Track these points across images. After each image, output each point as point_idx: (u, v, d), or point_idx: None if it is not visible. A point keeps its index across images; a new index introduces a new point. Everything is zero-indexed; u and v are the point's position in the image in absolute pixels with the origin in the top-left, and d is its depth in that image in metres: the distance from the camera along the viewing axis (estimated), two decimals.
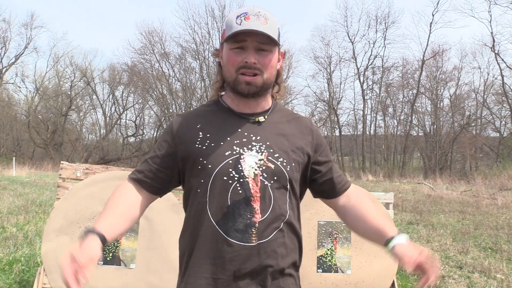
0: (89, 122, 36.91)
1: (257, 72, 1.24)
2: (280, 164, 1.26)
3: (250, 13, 1.22)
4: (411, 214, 8.88)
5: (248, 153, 1.24)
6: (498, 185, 14.18)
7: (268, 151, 1.26)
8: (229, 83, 1.28)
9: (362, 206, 1.39)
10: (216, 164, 1.23)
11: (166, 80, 32.24)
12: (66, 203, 2.80)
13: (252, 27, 1.20)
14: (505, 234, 6.79)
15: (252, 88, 1.25)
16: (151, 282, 2.70)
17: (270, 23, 1.23)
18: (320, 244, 2.90)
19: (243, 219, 1.20)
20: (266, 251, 1.22)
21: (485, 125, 30.07)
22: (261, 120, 1.30)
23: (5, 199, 9.22)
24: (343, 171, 27.40)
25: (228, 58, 1.25)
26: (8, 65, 33.08)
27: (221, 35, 1.31)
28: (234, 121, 1.29)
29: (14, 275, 4.04)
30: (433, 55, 30.11)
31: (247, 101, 1.30)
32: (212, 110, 1.34)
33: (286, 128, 1.33)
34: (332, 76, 32.01)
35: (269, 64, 1.25)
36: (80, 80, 34.24)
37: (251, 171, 1.23)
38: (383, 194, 3.39)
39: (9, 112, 31.99)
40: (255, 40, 1.22)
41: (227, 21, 1.27)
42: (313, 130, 1.39)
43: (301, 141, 1.34)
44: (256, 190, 1.22)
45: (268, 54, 1.24)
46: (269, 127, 1.30)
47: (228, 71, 1.26)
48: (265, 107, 1.33)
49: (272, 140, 1.28)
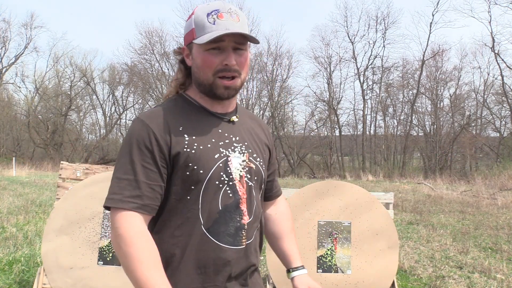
0: (89, 122, 36.96)
1: (235, 74, 1.18)
2: (259, 164, 1.28)
3: (222, 10, 1.15)
4: (411, 214, 8.87)
5: (233, 154, 1.21)
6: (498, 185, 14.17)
7: (248, 152, 1.25)
8: (205, 86, 1.19)
9: (283, 223, 1.46)
10: (208, 169, 1.15)
11: (166, 80, 32.23)
12: (66, 203, 2.80)
13: (229, 27, 1.13)
14: (505, 234, 6.79)
15: (231, 92, 1.20)
16: None
17: (241, 19, 1.17)
18: (320, 244, 2.90)
19: (233, 223, 1.18)
20: (251, 251, 1.25)
21: (485, 125, 30.10)
22: (234, 120, 1.26)
23: (5, 199, 9.22)
24: (343, 171, 27.50)
25: (204, 60, 1.16)
26: (8, 65, 33.11)
27: (186, 33, 1.21)
28: (212, 121, 1.22)
29: (14, 275, 4.04)
30: (433, 55, 30.12)
31: (222, 102, 1.24)
32: (184, 107, 1.22)
33: (253, 127, 1.34)
34: (332, 76, 32.03)
35: (246, 63, 1.20)
36: (80, 80, 34.28)
37: (237, 173, 1.20)
38: (383, 194, 3.39)
39: (9, 112, 31.99)
40: (232, 40, 1.15)
41: (195, 19, 1.17)
42: (268, 130, 1.43)
43: (264, 138, 1.36)
44: (243, 192, 1.21)
45: (244, 52, 1.19)
46: (242, 127, 1.29)
47: (204, 74, 1.17)
48: (234, 106, 1.29)
49: (248, 140, 1.28)
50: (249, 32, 1.19)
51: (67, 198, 2.82)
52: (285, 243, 1.43)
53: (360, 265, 2.86)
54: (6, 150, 31.19)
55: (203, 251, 1.16)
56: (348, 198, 2.94)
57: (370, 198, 2.97)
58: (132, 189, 1.11)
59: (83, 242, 2.73)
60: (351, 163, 32.06)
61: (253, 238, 1.26)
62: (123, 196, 1.10)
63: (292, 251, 1.42)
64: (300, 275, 1.39)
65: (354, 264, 2.86)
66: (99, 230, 2.77)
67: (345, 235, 2.91)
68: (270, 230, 1.45)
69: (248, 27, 1.24)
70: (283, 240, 1.43)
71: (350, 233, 2.90)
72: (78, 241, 2.73)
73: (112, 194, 1.12)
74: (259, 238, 1.33)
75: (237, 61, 1.17)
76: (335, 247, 2.89)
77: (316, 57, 32.52)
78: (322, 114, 32.74)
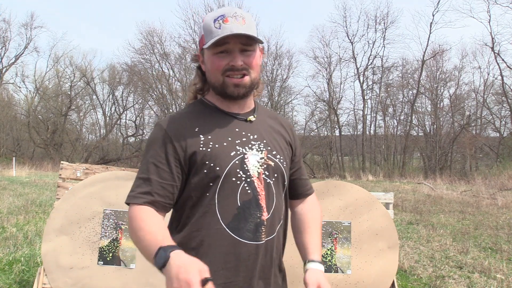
0: (89, 122, 36.93)
1: (245, 72, 1.23)
2: (278, 161, 1.29)
3: (227, 15, 1.20)
4: (411, 214, 8.87)
5: (250, 152, 1.25)
6: (498, 185, 14.17)
7: (266, 149, 1.28)
8: (216, 88, 1.26)
9: (307, 218, 1.43)
10: (224, 166, 1.20)
11: (166, 80, 32.23)
12: (66, 203, 2.80)
13: (233, 30, 1.18)
14: (505, 234, 6.79)
15: (241, 89, 1.24)
16: (151, 282, 2.70)
17: (248, 22, 1.22)
18: None
19: (253, 219, 1.21)
20: (271, 248, 1.26)
21: (485, 125, 30.08)
22: (252, 119, 1.31)
23: (5, 199, 9.22)
24: (343, 171, 27.50)
25: (212, 63, 1.23)
26: (8, 65, 33.10)
27: (199, 40, 1.29)
28: (228, 120, 1.27)
29: (14, 275, 4.04)
30: (433, 55, 30.10)
31: (237, 102, 1.29)
32: (201, 110, 1.29)
33: (274, 125, 1.37)
34: (332, 76, 32.01)
35: (255, 63, 1.24)
36: (80, 80, 34.26)
37: (255, 170, 1.24)
38: (383, 194, 3.39)
39: (9, 112, 31.98)
40: (238, 42, 1.21)
41: (204, 25, 1.24)
42: (292, 128, 1.44)
43: (287, 137, 1.38)
44: (261, 189, 1.24)
45: (252, 53, 1.24)
46: (261, 125, 1.32)
47: (214, 76, 1.24)
48: (251, 106, 1.34)
49: (267, 138, 1.30)
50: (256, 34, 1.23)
51: (67, 198, 2.82)
52: (306, 236, 1.39)
53: (360, 265, 2.86)
54: (6, 150, 31.18)
55: (224, 246, 1.19)
56: (348, 198, 2.94)
57: (370, 198, 2.97)
58: (145, 186, 1.19)
59: (83, 242, 2.73)
60: (351, 163, 32.04)
61: (275, 234, 1.27)
62: (136, 193, 1.19)
63: (312, 244, 1.37)
64: (314, 269, 1.29)
65: (354, 264, 2.86)
66: (99, 230, 2.77)
67: (345, 235, 2.91)
68: (294, 225, 1.44)
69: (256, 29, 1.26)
70: (304, 234, 1.39)
71: (350, 233, 2.90)
72: (78, 241, 2.73)
73: (130, 192, 1.21)
74: (282, 237, 1.33)
75: (245, 61, 1.22)
76: (335, 247, 2.89)
77: (316, 57, 32.52)
78: (322, 114, 32.73)
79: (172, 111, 31.95)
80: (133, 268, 2.73)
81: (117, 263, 2.74)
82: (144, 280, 2.71)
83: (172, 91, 32.03)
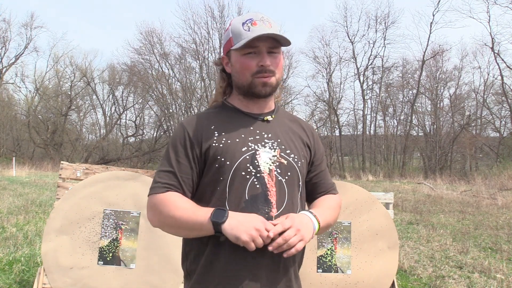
0: (89, 122, 36.93)
1: (271, 74, 1.29)
2: (292, 160, 1.32)
3: (255, 19, 1.27)
4: (411, 214, 8.87)
5: (262, 149, 1.29)
6: (498, 185, 14.17)
7: (280, 148, 1.31)
8: (243, 87, 1.31)
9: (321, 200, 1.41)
10: (234, 160, 1.25)
11: (166, 80, 32.22)
12: (66, 203, 2.80)
13: (263, 32, 1.24)
14: (505, 234, 6.79)
15: (268, 89, 1.30)
16: (151, 282, 2.70)
17: (274, 26, 1.28)
18: (320, 244, 2.90)
19: (261, 213, 1.23)
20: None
21: (485, 125, 30.08)
22: (269, 119, 1.35)
23: (5, 199, 9.22)
24: (343, 171, 27.50)
25: (242, 64, 1.29)
26: (8, 65, 33.07)
27: (225, 43, 1.34)
28: (245, 119, 1.33)
29: (14, 275, 4.04)
30: (434, 55, 30.10)
31: (258, 102, 1.34)
32: (220, 111, 1.36)
33: (292, 127, 1.40)
34: (332, 76, 32.02)
35: (280, 65, 1.31)
36: (80, 80, 34.24)
37: (266, 166, 1.27)
38: (383, 194, 3.39)
39: (9, 112, 31.98)
40: (266, 44, 1.27)
41: (232, 29, 1.30)
42: (313, 132, 1.46)
43: (306, 138, 1.41)
44: (272, 185, 1.26)
45: (278, 55, 1.30)
46: (278, 125, 1.36)
47: (244, 76, 1.30)
48: (272, 107, 1.39)
49: (282, 137, 1.34)
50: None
51: (67, 198, 2.82)
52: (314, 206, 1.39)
53: (360, 265, 2.86)
54: (6, 150, 31.19)
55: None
56: (348, 198, 2.94)
57: (370, 198, 2.97)
58: (168, 178, 1.27)
59: (83, 242, 2.73)
60: (351, 163, 32.05)
61: None
62: (160, 184, 1.26)
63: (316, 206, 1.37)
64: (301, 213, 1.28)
65: (354, 264, 2.86)
66: (99, 230, 2.77)
67: (345, 235, 2.91)
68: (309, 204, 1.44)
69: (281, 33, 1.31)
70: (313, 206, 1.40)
71: (350, 233, 2.91)
72: (78, 241, 2.73)
73: (153, 184, 1.28)
74: None
75: (272, 63, 1.29)
76: (335, 247, 2.90)
77: (316, 57, 32.53)
78: (322, 114, 32.76)
79: (172, 111, 31.98)
80: (133, 268, 2.73)
81: (117, 263, 2.74)
82: (144, 280, 2.71)
83: (172, 91, 32.03)
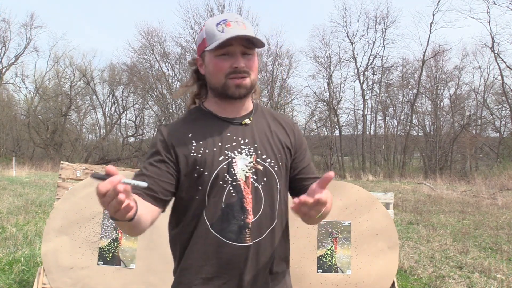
0: (89, 122, 36.91)
1: (245, 75, 1.27)
2: (269, 165, 1.30)
3: (229, 20, 1.26)
4: (411, 214, 8.87)
5: (239, 156, 1.28)
6: (498, 185, 14.17)
7: (256, 153, 1.30)
8: (217, 89, 1.29)
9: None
10: (212, 171, 1.26)
11: (166, 80, 32.23)
12: (66, 203, 2.80)
13: (237, 33, 1.22)
14: (505, 234, 6.79)
15: (242, 90, 1.28)
16: (151, 282, 2.70)
17: (248, 27, 1.27)
18: (320, 244, 2.90)
19: (237, 221, 1.25)
20: (261, 251, 1.28)
21: (485, 125, 30.06)
22: (247, 122, 1.33)
23: (5, 199, 9.22)
24: (343, 171, 27.47)
25: (215, 65, 1.27)
26: (8, 65, 33.08)
27: (199, 44, 1.32)
28: (222, 125, 1.31)
29: (14, 275, 4.04)
30: (434, 55, 30.09)
31: (234, 104, 1.32)
32: (197, 117, 1.34)
33: (271, 127, 1.37)
34: (332, 76, 32.00)
35: (254, 66, 1.29)
36: (80, 80, 34.25)
37: (243, 174, 1.27)
38: (383, 194, 3.39)
39: (9, 112, 31.98)
40: (240, 45, 1.25)
41: (206, 29, 1.28)
42: (294, 129, 1.42)
43: (285, 139, 1.38)
44: (248, 192, 1.27)
45: (252, 57, 1.28)
46: (255, 129, 1.34)
47: (217, 78, 1.27)
48: (249, 109, 1.37)
49: (259, 141, 1.32)
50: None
51: (67, 198, 2.82)
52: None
53: (360, 265, 2.86)
54: (6, 150, 31.19)
55: (208, 245, 1.25)
56: (348, 198, 2.93)
57: (370, 198, 2.97)
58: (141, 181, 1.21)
59: (83, 242, 2.73)
60: (351, 163, 32.04)
61: (264, 238, 1.27)
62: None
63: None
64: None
65: (354, 264, 2.86)
66: (99, 230, 2.77)
67: (345, 235, 2.91)
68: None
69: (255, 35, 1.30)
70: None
71: (350, 233, 2.90)
72: (78, 241, 2.73)
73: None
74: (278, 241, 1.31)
75: (246, 64, 1.26)
76: (335, 247, 2.89)
77: (316, 57, 32.51)
78: (322, 114, 32.73)
79: (172, 111, 31.97)
80: (133, 268, 2.73)
81: (117, 263, 2.74)
82: (144, 280, 2.71)
83: (172, 91, 32.02)
